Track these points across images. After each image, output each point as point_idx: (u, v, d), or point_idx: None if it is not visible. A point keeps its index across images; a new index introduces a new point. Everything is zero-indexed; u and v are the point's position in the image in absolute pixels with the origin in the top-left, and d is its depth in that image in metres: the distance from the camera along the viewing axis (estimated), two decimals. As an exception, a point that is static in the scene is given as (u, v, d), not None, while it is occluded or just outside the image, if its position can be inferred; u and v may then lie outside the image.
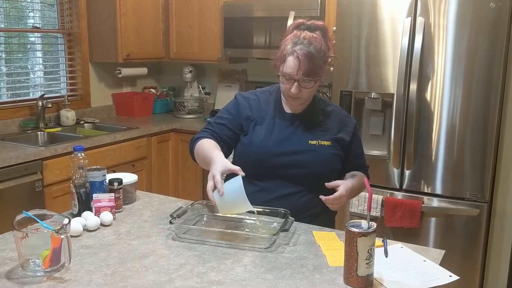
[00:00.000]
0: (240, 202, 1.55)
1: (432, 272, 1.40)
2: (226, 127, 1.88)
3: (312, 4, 3.31)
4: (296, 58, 1.70)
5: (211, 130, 1.88)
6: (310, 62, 1.69)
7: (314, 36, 1.74)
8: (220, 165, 1.62)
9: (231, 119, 1.89)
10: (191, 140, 1.90)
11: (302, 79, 1.72)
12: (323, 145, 1.82)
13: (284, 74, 1.74)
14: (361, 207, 2.86)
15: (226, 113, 1.92)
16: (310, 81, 1.74)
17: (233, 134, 1.88)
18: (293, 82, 1.73)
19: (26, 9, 3.57)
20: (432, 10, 2.64)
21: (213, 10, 3.82)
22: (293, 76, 1.72)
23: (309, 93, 1.80)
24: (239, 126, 1.88)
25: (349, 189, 1.74)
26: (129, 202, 1.92)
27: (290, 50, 1.72)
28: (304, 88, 1.75)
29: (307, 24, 1.78)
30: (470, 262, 2.74)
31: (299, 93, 1.75)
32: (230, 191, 1.56)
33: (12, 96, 3.44)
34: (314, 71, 1.71)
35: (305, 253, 1.51)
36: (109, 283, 1.30)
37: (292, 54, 1.71)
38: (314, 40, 1.72)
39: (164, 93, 4.41)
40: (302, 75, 1.71)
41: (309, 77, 1.72)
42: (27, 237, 1.32)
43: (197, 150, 1.83)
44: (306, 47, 1.70)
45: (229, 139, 1.88)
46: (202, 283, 1.31)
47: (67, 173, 2.88)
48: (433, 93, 2.70)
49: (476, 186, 2.67)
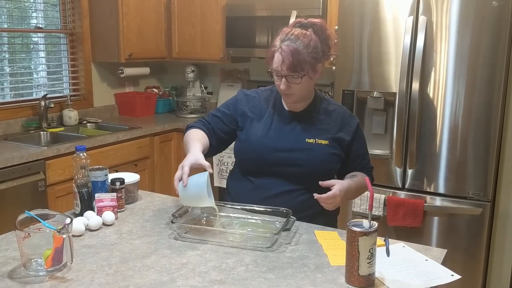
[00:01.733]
0: (201, 196, 1.61)
1: (434, 271, 1.40)
2: (221, 120, 1.93)
3: (314, 3, 3.31)
4: (280, 54, 1.72)
5: (206, 121, 1.95)
6: (294, 57, 1.70)
7: (304, 32, 1.74)
8: (192, 158, 1.67)
9: (227, 113, 1.93)
10: (186, 127, 1.96)
11: (288, 74, 1.73)
12: (320, 144, 1.81)
13: (273, 70, 1.78)
14: (363, 206, 2.86)
15: (225, 107, 1.96)
16: (297, 77, 1.74)
17: (227, 128, 1.92)
18: (281, 78, 1.75)
19: (29, 9, 3.58)
20: (434, 8, 2.63)
21: (215, 9, 3.82)
22: (279, 71, 1.74)
23: (301, 90, 1.78)
24: (234, 121, 1.92)
25: (344, 189, 1.70)
26: (131, 202, 1.93)
27: (278, 46, 1.75)
28: (293, 84, 1.75)
29: (302, 22, 1.79)
30: (473, 261, 2.73)
31: (288, 89, 1.76)
32: (194, 185, 1.60)
33: (15, 96, 3.45)
34: (299, 66, 1.71)
35: (307, 252, 1.51)
36: (111, 282, 1.31)
37: (278, 50, 1.74)
38: (303, 36, 1.73)
39: (167, 92, 4.42)
40: (286, 70, 1.72)
41: (294, 72, 1.72)
42: (30, 237, 1.32)
43: (185, 138, 1.88)
44: (293, 43, 1.71)
45: (222, 133, 1.92)
46: (204, 282, 1.31)
47: (70, 172, 2.89)
48: (435, 92, 2.70)
49: (478, 185, 2.66)
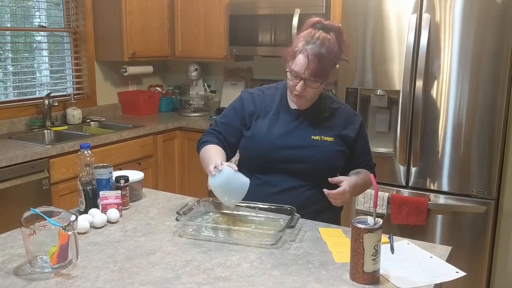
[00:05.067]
0: (236, 192, 1.65)
1: (438, 268, 1.40)
2: (231, 124, 1.90)
3: (317, 1, 3.30)
4: (306, 57, 1.68)
5: (217, 132, 1.92)
6: (319, 63, 1.68)
7: (328, 37, 1.71)
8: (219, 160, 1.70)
9: (235, 115, 1.91)
10: (198, 142, 1.94)
11: (309, 79, 1.72)
12: (326, 141, 1.81)
13: (291, 70, 1.74)
14: (367, 204, 2.86)
15: (231, 110, 1.94)
16: (316, 82, 1.73)
17: (238, 130, 1.90)
18: (299, 80, 1.73)
19: (32, 8, 3.58)
20: (438, 6, 2.63)
21: (218, 8, 3.82)
22: (300, 74, 1.71)
23: (314, 93, 1.79)
24: (243, 121, 1.90)
25: (352, 185, 1.72)
26: (136, 200, 1.93)
27: (301, 48, 1.70)
28: (309, 88, 1.74)
29: (323, 23, 1.75)
30: (477, 259, 2.73)
31: (304, 92, 1.75)
32: (237, 178, 1.64)
33: (18, 95, 3.46)
34: (322, 72, 1.70)
35: (311, 249, 1.51)
36: (116, 279, 1.31)
37: (302, 52, 1.70)
38: (328, 41, 1.70)
39: (170, 91, 4.42)
40: (309, 74, 1.70)
41: (316, 77, 1.71)
42: (35, 234, 1.33)
43: (202, 155, 1.87)
44: (318, 48, 1.68)
45: (234, 138, 1.90)
46: (209, 279, 1.31)
47: (74, 171, 2.90)
48: (439, 90, 2.69)
49: (483, 183, 2.66)
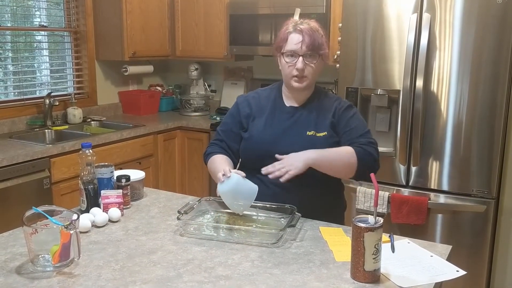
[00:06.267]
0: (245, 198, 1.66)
1: (439, 267, 1.40)
2: (231, 130, 1.94)
3: (317, 1, 3.31)
4: (299, 33, 1.78)
5: (219, 141, 1.96)
6: (312, 35, 1.78)
7: (311, 22, 1.84)
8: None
9: (233, 121, 1.95)
10: (204, 155, 1.98)
11: (306, 53, 1.77)
12: (320, 136, 1.83)
13: (287, 51, 1.79)
14: (367, 204, 2.86)
15: (229, 117, 1.99)
16: (314, 55, 1.78)
17: (238, 135, 1.94)
18: (298, 57, 1.78)
19: (33, 7, 3.59)
20: (438, 6, 2.63)
21: (219, 7, 3.82)
22: (298, 51, 1.77)
23: (314, 73, 1.83)
24: (241, 125, 1.93)
25: (296, 154, 1.70)
26: (137, 199, 1.94)
27: (293, 28, 1.80)
28: (309, 65, 1.78)
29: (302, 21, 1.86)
30: (477, 258, 2.73)
31: (304, 69, 1.79)
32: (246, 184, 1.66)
33: (19, 94, 3.46)
34: (318, 44, 1.78)
35: (312, 248, 1.52)
36: (118, 278, 1.31)
37: (294, 31, 1.79)
38: (313, 23, 1.83)
39: (170, 90, 4.43)
40: (306, 48, 1.77)
41: (313, 50, 1.78)
42: (37, 233, 1.33)
43: (209, 166, 1.91)
44: (307, 25, 1.80)
45: (236, 143, 1.94)
46: (210, 278, 1.32)
47: (75, 170, 2.90)
48: (439, 90, 2.69)
49: (482, 183, 2.66)
